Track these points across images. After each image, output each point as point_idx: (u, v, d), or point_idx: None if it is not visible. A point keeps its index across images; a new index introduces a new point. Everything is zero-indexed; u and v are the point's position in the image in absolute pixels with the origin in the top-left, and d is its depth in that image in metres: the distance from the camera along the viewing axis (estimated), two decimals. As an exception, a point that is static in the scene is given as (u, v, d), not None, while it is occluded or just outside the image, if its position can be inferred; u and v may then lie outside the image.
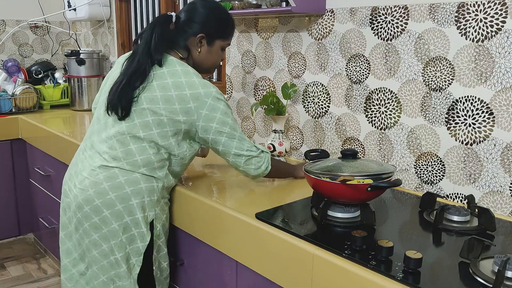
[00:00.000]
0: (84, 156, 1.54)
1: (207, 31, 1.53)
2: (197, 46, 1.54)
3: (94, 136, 1.53)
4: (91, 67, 3.14)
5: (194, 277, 1.62)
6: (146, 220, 1.47)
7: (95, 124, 1.56)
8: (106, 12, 3.19)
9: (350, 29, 1.75)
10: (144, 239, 1.47)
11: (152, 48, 1.46)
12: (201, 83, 1.46)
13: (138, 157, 1.45)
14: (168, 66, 1.47)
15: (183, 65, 1.49)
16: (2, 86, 3.04)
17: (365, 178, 1.27)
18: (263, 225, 1.29)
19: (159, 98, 1.43)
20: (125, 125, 1.46)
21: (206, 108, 1.45)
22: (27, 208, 3.03)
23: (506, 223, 1.35)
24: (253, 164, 1.52)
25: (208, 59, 1.58)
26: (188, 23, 1.53)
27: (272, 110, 1.89)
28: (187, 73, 1.47)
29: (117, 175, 1.45)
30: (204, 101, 1.44)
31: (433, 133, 1.55)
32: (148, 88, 1.44)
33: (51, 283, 2.64)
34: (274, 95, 1.91)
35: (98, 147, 1.49)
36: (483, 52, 1.40)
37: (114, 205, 1.44)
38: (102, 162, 1.46)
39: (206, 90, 1.45)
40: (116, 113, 1.46)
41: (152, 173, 1.47)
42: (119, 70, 1.52)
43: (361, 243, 1.13)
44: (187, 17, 1.53)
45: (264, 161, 1.54)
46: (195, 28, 1.53)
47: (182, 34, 1.53)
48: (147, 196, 1.46)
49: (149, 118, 1.44)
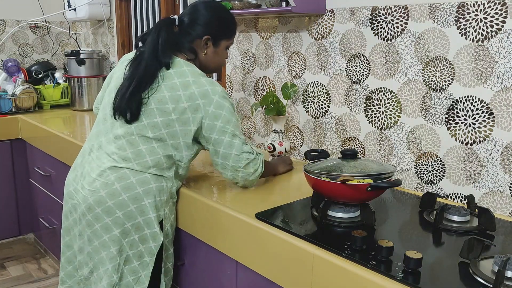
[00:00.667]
0: (91, 157, 1.53)
1: (211, 33, 1.54)
2: (203, 48, 1.55)
3: (101, 136, 1.53)
4: (91, 67, 3.14)
5: (194, 277, 1.62)
6: (158, 220, 1.48)
7: (101, 125, 1.55)
8: (106, 12, 3.19)
9: (350, 29, 1.75)
10: (156, 239, 1.47)
11: (160, 52, 1.46)
12: (208, 81, 1.48)
13: (148, 158, 1.45)
14: (175, 67, 1.48)
15: (190, 65, 1.50)
16: (2, 86, 3.04)
17: (365, 178, 1.27)
18: (263, 225, 1.29)
19: (168, 98, 1.44)
20: (134, 126, 1.46)
21: (213, 105, 1.45)
22: (27, 208, 3.03)
23: (506, 223, 1.35)
24: (251, 167, 1.51)
25: (214, 60, 1.60)
26: (191, 26, 1.53)
27: (272, 110, 1.89)
28: (194, 73, 1.48)
29: (128, 176, 1.44)
30: (211, 98, 1.45)
31: (433, 133, 1.55)
32: (156, 89, 1.44)
33: (51, 283, 2.64)
34: (274, 95, 1.91)
35: (106, 148, 1.49)
36: (483, 52, 1.40)
37: (126, 205, 1.44)
38: (112, 163, 1.46)
39: (213, 87, 1.46)
40: (125, 117, 1.46)
41: (162, 173, 1.48)
42: (123, 72, 1.52)
43: (361, 243, 1.13)
44: (190, 20, 1.54)
45: (260, 163, 1.54)
46: (199, 30, 1.53)
47: (186, 36, 1.54)
48: (158, 196, 1.47)
49: (158, 119, 1.44)
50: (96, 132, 1.56)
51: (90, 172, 1.49)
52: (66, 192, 1.58)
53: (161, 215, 1.49)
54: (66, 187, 1.59)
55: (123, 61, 1.60)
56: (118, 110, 1.46)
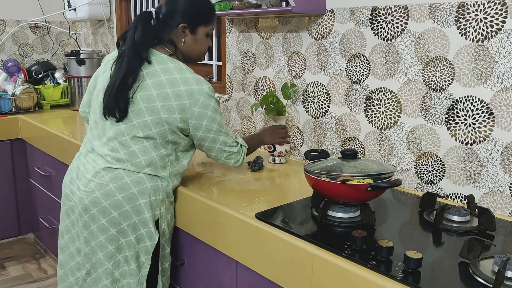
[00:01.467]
0: (86, 159, 1.54)
1: (188, 20, 1.53)
2: (181, 37, 1.54)
3: (94, 140, 1.53)
4: (91, 67, 3.14)
5: (194, 277, 1.62)
6: (153, 219, 1.48)
7: (93, 129, 1.55)
8: (106, 12, 3.19)
9: (350, 29, 1.75)
10: (152, 238, 1.48)
11: (138, 47, 1.46)
12: (195, 79, 1.47)
13: (141, 158, 1.46)
14: (160, 64, 1.47)
15: (175, 61, 1.50)
16: (2, 86, 3.04)
17: (365, 178, 1.27)
18: (263, 225, 1.29)
19: (156, 96, 1.43)
20: (124, 126, 1.46)
21: (198, 106, 1.46)
22: (27, 208, 3.03)
23: (506, 223, 1.35)
24: (232, 159, 1.61)
25: (194, 48, 1.58)
26: (169, 16, 1.52)
27: (272, 110, 1.89)
28: (180, 70, 1.47)
29: (122, 176, 1.45)
30: (197, 99, 1.45)
31: (433, 133, 1.55)
32: (143, 87, 1.44)
33: (51, 283, 2.64)
34: (274, 95, 1.91)
35: (100, 151, 1.49)
36: (483, 52, 1.40)
37: (121, 205, 1.44)
38: (106, 164, 1.46)
39: (199, 86, 1.46)
40: (114, 115, 1.46)
41: (156, 173, 1.48)
42: (108, 72, 1.51)
43: (361, 243, 1.13)
44: (167, 10, 1.53)
45: (242, 155, 1.63)
46: (177, 19, 1.52)
47: (165, 28, 1.53)
48: (153, 195, 1.47)
49: (147, 118, 1.44)
50: (90, 136, 1.57)
51: (85, 174, 1.50)
52: (63, 193, 1.59)
53: (156, 214, 1.49)
54: (63, 189, 1.60)
55: (106, 62, 1.59)
56: (107, 108, 1.46)
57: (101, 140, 1.50)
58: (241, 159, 1.63)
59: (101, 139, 1.51)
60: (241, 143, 1.63)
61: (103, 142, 1.50)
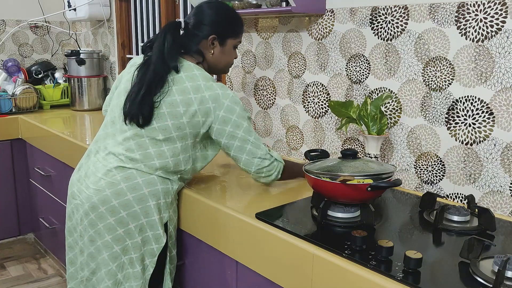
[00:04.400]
0: (97, 158, 1.52)
1: (217, 32, 1.54)
2: (210, 48, 1.55)
3: (108, 139, 1.52)
4: (91, 67, 3.14)
5: (194, 277, 1.62)
6: (162, 222, 1.47)
7: (109, 127, 1.54)
8: (106, 12, 3.19)
9: (350, 29, 1.75)
10: (159, 241, 1.47)
11: (166, 56, 1.46)
12: (219, 85, 1.48)
13: (156, 160, 1.45)
14: (186, 71, 1.47)
15: (200, 69, 1.51)
16: (2, 86, 3.04)
17: (365, 178, 1.27)
18: (263, 225, 1.29)
19: (179, 101, 1.43)
20: (144, 128, 1.45)
21: (223, 110, 1.45)
22: (27, 208, 3.04)
23: (506, 223, 1.35)
24: (263, 173, 1.51)
25: (222, 60, 1.59)
26: (197, 27, 1.54)
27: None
28: (205, 77, 1.48)
29: (134, 176, 1.44)
30: (222, 102, 1.45)
31: (433, 133, 1.55)
32: (167, 93, 1.44)
33: (51, 283, 2.64)
34: (379, 109, 1.60)
35: (114, 150, 1.48)
36: (483, 52, 1.40)
37: (131, 206, 1.43)
38: (118, 163, 1.45)
39: (224, 91, 1.46)
40: (136, 122, 1.44)
41: (168, 176, 1.48)
42: (132, 75, 1.51)
43: (361, 243, 1.13)
44: (195, 21, 1.54)
45: (276, 170, 1.53)
46: (205, 31, 1.53)
47: (193, 38, 1.54)
48: (163, 198, 1.47)
49: (169, 122, 1.44)
50: (103, 134, 1.55)
51: (95, 172, 1.49)
52: (70, 192, 1.57)
53: (165, 217, 1.49)
54: (70, 188, 1.58)
55: (132, 65, 1.59)
56: (129, 115, 1.45)
57: (115, 139, 1.49)
58: (274, 174, 1.53)
59: (115, 138, 1.50)
60: (276, 157, 1.53)
61: (117, 141, 1.49)
